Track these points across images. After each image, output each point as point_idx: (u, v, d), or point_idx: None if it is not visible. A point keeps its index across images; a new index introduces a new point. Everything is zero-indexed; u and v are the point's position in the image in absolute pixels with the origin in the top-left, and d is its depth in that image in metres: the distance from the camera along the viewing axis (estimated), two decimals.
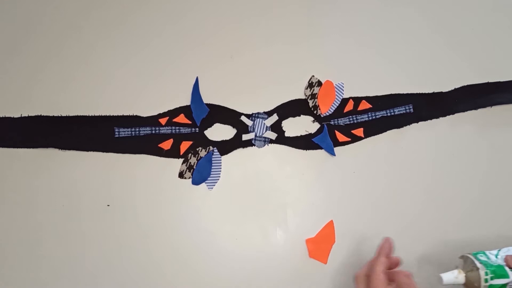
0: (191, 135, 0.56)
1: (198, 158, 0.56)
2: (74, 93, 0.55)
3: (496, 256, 0.50)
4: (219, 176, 0.56)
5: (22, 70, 0.54)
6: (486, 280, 0.47)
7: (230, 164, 0.56)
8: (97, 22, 0.55)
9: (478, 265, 0.48)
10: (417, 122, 0.59)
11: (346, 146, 0.58)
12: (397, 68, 0.60)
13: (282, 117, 0.58)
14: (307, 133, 0.58)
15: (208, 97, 0.57)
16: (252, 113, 0.57)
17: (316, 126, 0.58)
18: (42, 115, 0.54)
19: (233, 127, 0.57)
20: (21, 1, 0.54)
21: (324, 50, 0.59)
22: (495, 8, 0.63)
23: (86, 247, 0.53)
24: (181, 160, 0.56)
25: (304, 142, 0.58)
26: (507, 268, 0.48)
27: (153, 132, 0.56)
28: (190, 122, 0.56)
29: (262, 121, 0.57)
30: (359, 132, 0.59)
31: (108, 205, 0.54)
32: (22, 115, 0.54)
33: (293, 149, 0.58)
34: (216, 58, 0.57)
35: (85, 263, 0.53)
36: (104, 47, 0.55)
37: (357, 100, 0.59)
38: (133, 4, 0.56)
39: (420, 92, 0.60)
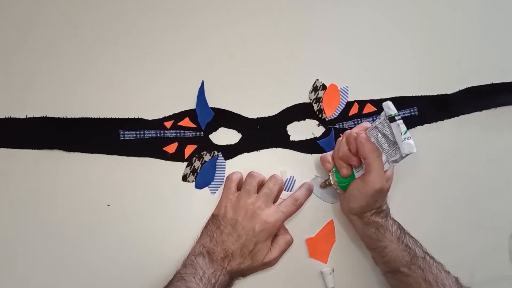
0: (196, 139, 0.56)
1: (203, 162, 0.56)
2: (79, 95, 0.55)
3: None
4: (223, 181, 0.56)
5: (27, 71, 0.54)
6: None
7: (235, 169, 0.56)
8: (104, 25, 0.55)
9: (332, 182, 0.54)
10: (422, 124, 0.59)
11: None
12: (401, 71, 0.60)
13: (287, 121, 0.58)
14: (312, 136, 0.58)
15: (213, 101, 0.57)
16: (257, 117, 0.57)
17: (321, 130, 0.58)
18: (47, 116, 0.54)
19: (238, 131, 0.57)
20: (30, 3, 0.55)
21: (328, 53, 0.59)
22: (498, 8, 0.63)
23: (90, 248, 0.53)
24: (185, 163, 0.55)
25: (309, 146, 0.58)
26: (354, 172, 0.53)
27: (158, 135, 0.55)
28: (195, 126, 0.56)
29: None
30: None
31: (108, 205, 0.54)
32: (28, 116, 0.53)
33: (299, 153, 0.58)
34: (222, 62, 0.57)
35: (86, 263, 0.53)
36: (110, 49, 0.55)
37: (362, 103, 0.59)
38: (140, 6, 0.57)
39: (425, 95, 0.60)
